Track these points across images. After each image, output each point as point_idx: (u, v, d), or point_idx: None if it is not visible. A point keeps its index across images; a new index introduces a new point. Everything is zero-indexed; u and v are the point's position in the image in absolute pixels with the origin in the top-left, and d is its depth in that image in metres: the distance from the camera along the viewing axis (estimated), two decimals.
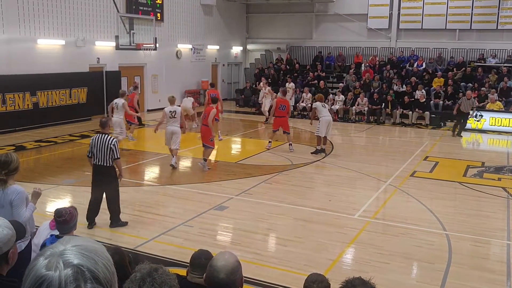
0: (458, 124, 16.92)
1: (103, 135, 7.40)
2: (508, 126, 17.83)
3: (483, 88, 19.53)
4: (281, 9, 26.77)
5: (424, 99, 19.58)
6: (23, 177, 9.59)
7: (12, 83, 15.31)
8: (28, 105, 15.88)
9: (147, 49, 19.72)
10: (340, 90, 21.07)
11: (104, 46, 18.69)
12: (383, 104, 19.76)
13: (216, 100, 11.95)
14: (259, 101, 20.89)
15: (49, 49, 16.64)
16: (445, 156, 13.57)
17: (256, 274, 5.89)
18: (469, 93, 17.25)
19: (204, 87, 22.98)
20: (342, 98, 20.49)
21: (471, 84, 20.61)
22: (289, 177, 10.91)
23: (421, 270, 6.44)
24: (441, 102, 19.99)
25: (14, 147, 13.18)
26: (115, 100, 13.40)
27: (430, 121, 19.15)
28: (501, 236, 7.65)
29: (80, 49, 17.77)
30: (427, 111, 19.38)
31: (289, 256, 6.62)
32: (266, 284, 5.75)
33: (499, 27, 22.58)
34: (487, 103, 18.54)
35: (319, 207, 8.77)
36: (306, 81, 23.02)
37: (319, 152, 13.20)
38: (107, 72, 18.98)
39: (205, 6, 24.29)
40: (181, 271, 3.70)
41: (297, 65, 24.79)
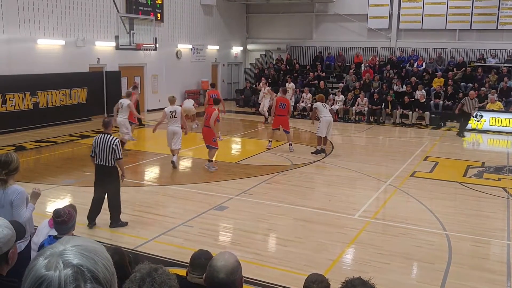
0: (463, 124, 16.81)
1: (106, 135, 7.41)
2: (508, 126, 17.82)
3: (483, 88, 19.53)
4: (281, 9, 26.77)
5: (424, 99, 19.58)
6: (23, 177, 9.59)
7: (12, 83, 15.31)
8: (28, 105, 15.87)
9: (147, 49, 19.71)
10: (340, 90, 21.07)
11: (104, 46, 18.69)
12: (383, 104, 19.76)
13: (218, 101, 12.01)
14: (259, 101, 20.89)
15: (49, 49, 16.64)
16: (445, 156, 13.57)
17: (256, 274, 5.89)
18: (472, 93, 17.18)
19: (204, 87, 22.97)
20: (342, 98, 20.49)
21: (471, 84, 20.62)
22: (289, 177, 10.91)
23: (421, 270, 6.44)
24: (441, 102, 19.99)
25: (14, 147, 13.18)
26: (121, 100, 13.39)
27: (430, 121, 19.15)
28: (501, 236, 7.65)
29: (80, 49, 17.77)
30: (427, 111, 19.38)
31: (289, 256, 6.62)
32: (266, 284, 5.74)
33: (499, 27, 22.57)
34: (487, 103, 18.54)
35: (319, 207, 8.77)
36: (306, 81, 23.02)
37: (320, 152, 13.21)
38: (107, 72, 18.98)
39: (205, 6, 24.29)
40: (181, 271, 3.70)
41: (297, 65, 24.78)
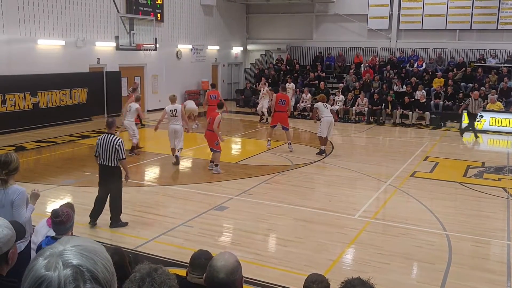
0: (472, 126, 16.63)
1: (109, 135, 7.42)
2: (508, 127, 17.81)
3: (483, 88, 19.52)
4: (281, 9, 26.76)
5: (424, 100, 19.57)
6: (23, 177, 9.59)
7: (12, 84, 15.31)
8: (28, 105, 15.88)
9: (147, 50, 19.71)
10: (340, 90, 21.07)
11: (104, 47, 18.69)
12: (383, 105, 19.75)
13: (222, 106, 11.97)
14: (257, 101, 20.88)
15: (49, 49, 16.65)
16: (445, 157, 13.56)
17: (256, 275, 5.89)
18: (476, 93, 17.05)
19: (204, 88, 22.97)
20: (342, 98, 20.49)
21: (471, 85, 20.62)
22: (289, 178, 10.91)
23: (421, 270, 6.44)
24: (441, 103, 19.98)
25: (14, 148, 13.18)
26: (130, 103, 13.31)
27: (430, 122, 19.15)
28: (501, 236, 7.64)
29: (80, 49, 17.77)
30: (427, 112, 19.38)
31: (289, 256, 6.61)
32: (266, 285, 5.74)
33: (499, 27, 22.57)
34: (487, 103, 18.52)
35: (319, 207, 8.77)
36: (307, 81, 23.02)
37: (324, 152, 13.16)
38: (107, 73, 18.99)
39: (205, 6, 24.29)
40: (181, 272, 3.70)
41: (297, 66, 24.77)
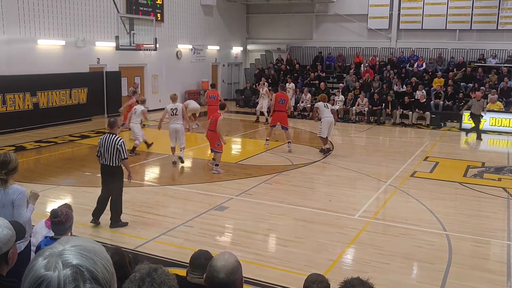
0: (477, 127, 16.60)
1: (111, 135, 7.42)
2: (509, 127, 17.81)
3: (482, 87, 19.52)
4: (281, 9, 26.76)
5: (425, 100, 19.57)
6: (23, 177, 9.60)
7: (12, 84, 15.31)
8: (28, 105, 15.88)
9: (147, 50, 19.72)
10: (340, 90, 21.06)
11: (104, 47, 18.69)
12: (383, 105, 19.75)
13: (224, 106, 12.19)
14: (257, 100, 20.86)
15: (49, 49, 16.64)
16: (445, 157, 13.56)
17: (256, 275, 5.89)
18: (478, 94, 16.98)
19: (205, 88, 22.97)
20: (342, 98, 20.48)
21: (471, 85, 20.62)
22: (289, 178, 10.91)
23: (421, 270, 6.44)
24: (441, 103, 19.98)
25: (14, 148, 13.18)
26: (136, 106, 13.36)
27: (430, 122, 19.15)
28: (501, 236, 7.64)
29: (80, 49, 17.77)
30: (428, 112, 19.37)
31: (290, 256, 6.61)
32: (266, 285, 5.74)
33: (499, 28, 22.57)
34: (487, 103, 18.50)
35: (320, 207, 8.77)
36: (307, 81, 23.02)
37: (325, 152, 13.14)
38: (107, 73, 18.99)
39: (205, 6, 24.29)
40: (181, 272, 3.70)
41: (297, 66, 24.78)
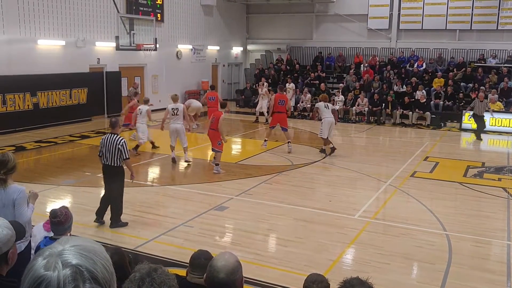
0: (482, 128, 16.58)
1: (113, 135, 7.43)
2: (509, 127, 17.82)
3: (482, 87, 19.51)
4: (281, 9, 26.76)
5: (425, 100, 19.57)
6: (23, 177, 9.61)
7: (13, 84, 15.31)
8: (28, 105, 15.88)
9: (147, 50, 19.72)
10: (340, 90, 21.06)
11: (104, 47, 18.69)
12: (383, 105, 19.75)
13: (225, 105, 12.56)
14: (256, 101, 20.85)
15: (49, 49, 16.64)
16: (445, 157, 13.56)
17: (256, 275, 5.89)
18: (481, 95, 16.91)
19: (205, 88, 22.97)
20: (342, 98, 20.48)
21: (471, 85, 20.62)
22: (290, 178, 10.91)
23: (421, 270, 6.44)
24: (441, 103, 19.98)
25: (14, 148, 13.18)
26: (140, 106, 13.41)
27: (430, 122, 19.14)
28: (502, 236, 7.64)
29: (80, 49, 17.77)
30: (428, 112, 19.37)
31: (290, 256, 6.61)
32: (266, 285, 5.74)
33: (499, 28, 22.57)
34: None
35: (320, 207, 8.76)
36: (307, 81, 23.01)
37: (333, 150, 13.12)
38: (107, 73, 18.99)
39: (205, 6, 24.29)
40: (181, 272, 3.70)
41: (297, 66, 24.78)
